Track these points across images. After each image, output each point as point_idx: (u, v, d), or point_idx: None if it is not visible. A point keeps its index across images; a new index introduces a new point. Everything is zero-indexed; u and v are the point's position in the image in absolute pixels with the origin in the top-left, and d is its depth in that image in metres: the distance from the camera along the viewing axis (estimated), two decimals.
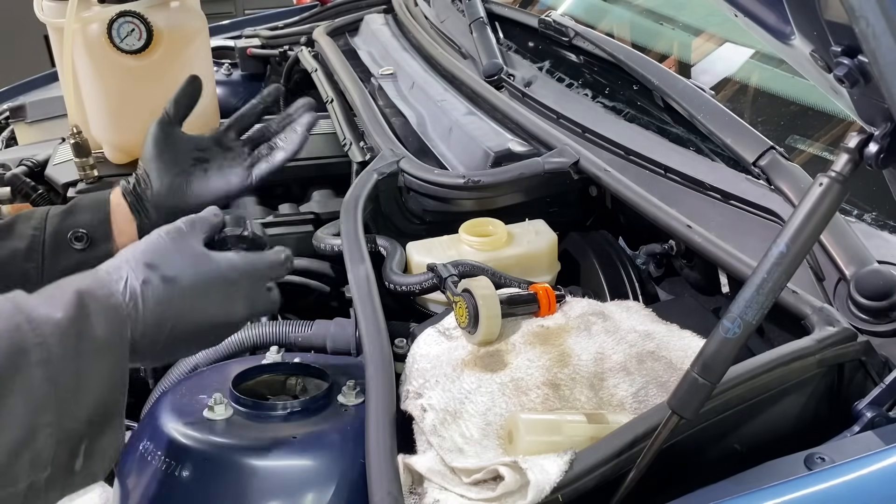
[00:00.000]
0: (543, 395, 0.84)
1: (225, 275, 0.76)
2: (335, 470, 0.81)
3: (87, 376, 0.60)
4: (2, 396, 0.54)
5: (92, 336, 0.61)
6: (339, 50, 1.95)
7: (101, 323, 0.63)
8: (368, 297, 0.98)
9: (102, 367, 0.62)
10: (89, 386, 0.60)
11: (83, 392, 0.60)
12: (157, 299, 0.70)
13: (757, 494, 0.67)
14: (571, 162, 1.22)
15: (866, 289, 0.89)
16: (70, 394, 0.59)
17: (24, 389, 0.55)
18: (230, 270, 0.77)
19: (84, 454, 0.60)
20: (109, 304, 0.66)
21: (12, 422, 0.55)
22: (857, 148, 0.66)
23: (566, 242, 1.21)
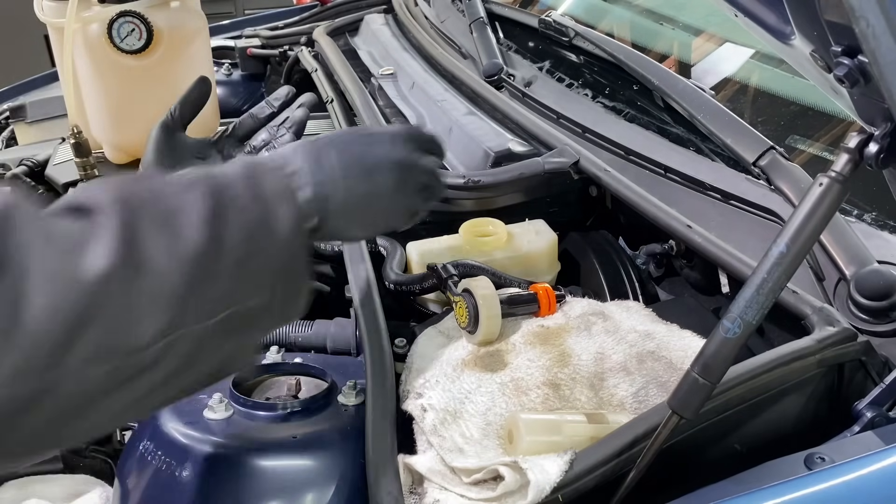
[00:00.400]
0: (543, 395, 0.84)
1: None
2: (335, 470, 0.81)
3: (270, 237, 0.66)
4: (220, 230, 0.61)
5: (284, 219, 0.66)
6: (339, 50, 1.95)
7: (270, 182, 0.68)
8: (368, 297, 0.98)
9: (283, 226, 0.66)
10: (274, 242, 0.66)
11: (271, 244, 0.65)
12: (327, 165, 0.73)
13: (757, 494, 0.67)
14: (571, 162, 1.22)
15: (866, 289, 0.89)
16: (261, 241, 0.65)
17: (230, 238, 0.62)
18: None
19: (281, 294, 0.66)
20: (279, 171, 0.70)
21: (231, 240, 0.62)
22: (857, 148, 0.66)
23: (566, 242, 1.21)
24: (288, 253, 0.67)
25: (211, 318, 0.61)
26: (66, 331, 0.52)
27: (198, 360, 0.62)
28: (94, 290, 0.54)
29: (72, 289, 0.53)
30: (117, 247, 0.56)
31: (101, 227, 0.56)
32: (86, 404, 0.56)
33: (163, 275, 0.58)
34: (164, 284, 0.58)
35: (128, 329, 0.56)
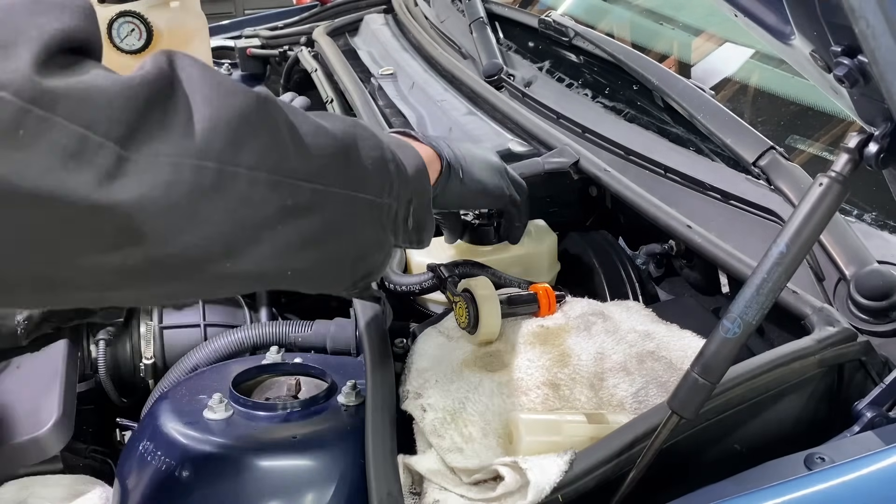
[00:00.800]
0: (543, 395, 0.84)
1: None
2: (335, 470, 0.81)
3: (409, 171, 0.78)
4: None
5: (413, 168, 0.79)
6: (339, 50, 1.95)
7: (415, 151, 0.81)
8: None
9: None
10: (410, 182, 0.77)
11: (408, 176, 0.77)
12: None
13: (757, 494, 0.67)
14: (571, 162, 1.22)
15: (866, 289, 0.89)
16: (402, 173, 0.76)
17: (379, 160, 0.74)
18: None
19: (413, 216, 0.78)
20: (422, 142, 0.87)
21: (367, 150, 0.72)
22: (857, 148, 0.66)
23: (566, 242, 1.21)
24: (421, 182, 0.79)
25: (356, 191, 0.69)
26: (231, 134, 0.58)
27: (345, 229, 0.69)
28: (253, 107, 0.61)
29: (231, 103, 0.59)
30: (284, 101, 0.66)
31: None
32: (255, 225, 0.61)
33: (309, 134, 0.66)
34: (313, 141, 0.66)
35: (285, 153, 0.63)
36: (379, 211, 0.73)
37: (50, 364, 1.07)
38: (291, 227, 0.64)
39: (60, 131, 0.50)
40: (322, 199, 0.66)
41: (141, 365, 1.17)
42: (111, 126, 0.52)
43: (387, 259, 0.77)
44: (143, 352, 1.17)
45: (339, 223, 0.69)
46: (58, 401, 1.00)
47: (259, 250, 0.62)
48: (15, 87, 0.49)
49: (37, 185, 0.50)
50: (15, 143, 0.49)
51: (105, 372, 1.14)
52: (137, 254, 0.55)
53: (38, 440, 0.96)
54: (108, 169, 0.52)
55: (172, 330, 1.19)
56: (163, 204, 0.55)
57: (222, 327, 1.19)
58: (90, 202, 0.51)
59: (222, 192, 0.58)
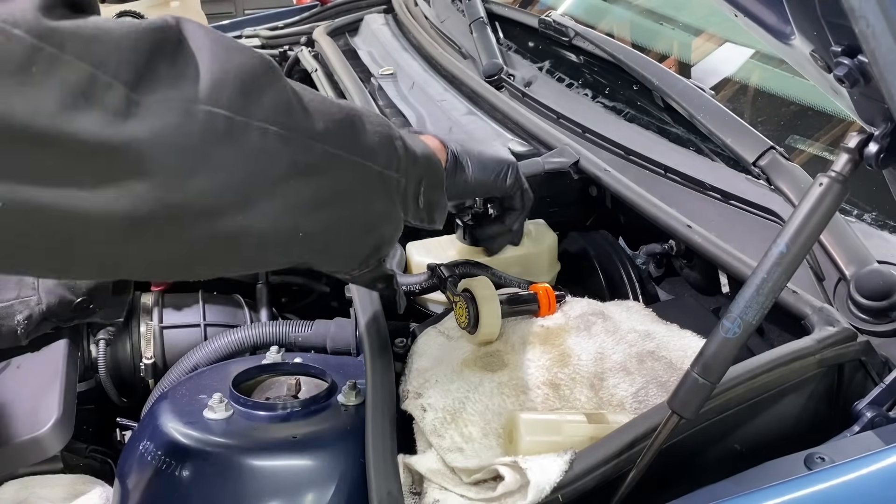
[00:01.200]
0: (543, 395, 0.84)
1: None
2: (335, 470, 0.81)
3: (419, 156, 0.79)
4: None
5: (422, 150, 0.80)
6: (339, 50, 1.95)
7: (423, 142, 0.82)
8: (368, 297, 0.98)
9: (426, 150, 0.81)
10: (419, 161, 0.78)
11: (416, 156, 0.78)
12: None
13: (757, 494, 0.67)
14: (571, 162, 1.22)
15: (866, 289, 0.89)
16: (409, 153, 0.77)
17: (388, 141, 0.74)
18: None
19: (424, 195, 0.79)
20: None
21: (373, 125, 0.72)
22: (857, 148, 0.66)
23: (566, 242, 1.21)
24: (430, 163, 0.80)
25: (364, 159, 0.70)
26: (240, 86, 0.59)
27: (355, 195, 0.70)
28: (259, 66, 0.62)
29: (238, 60, 0.60)
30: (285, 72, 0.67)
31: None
32: (267, 178, 0.61)
33: (315, 100, 0.66)
34: (319, 107, 0.66)
35: (294, 112, 0.63)
36: (388, 183, 0.73)
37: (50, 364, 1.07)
38: (303, 184, 0.64)
39: (70, 69, 0.51)
40: (331, 162, 0.67)
41: (141, 365, 1.17)
42: (119, 67, 0.53)
43: (396, 234, 0.77)
44: (143, 352, 1.17)
45: (349, 188, 0.69)
46: (58, 401, 1.00)
47: (272, 205, 0.62)
48: (26, 25, 0.49)
49: (50, 124, 0.50)
50: (29, 79, 0.49)
51: (105, 372, 1.14)
52: (147, 197, 0.55)
53: (38, 440, 0.96)
54: (117, 108, 0.52)
55: (172, 330, 1.19)
56: (175, 143, 0.55)
57: (222, 327, 1.19)
58: (99, 139, 0.52)
59: (234, 140, 0.58)
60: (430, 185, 0.80)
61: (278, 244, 0.67)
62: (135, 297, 1.22)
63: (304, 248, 0.69)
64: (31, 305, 1.06)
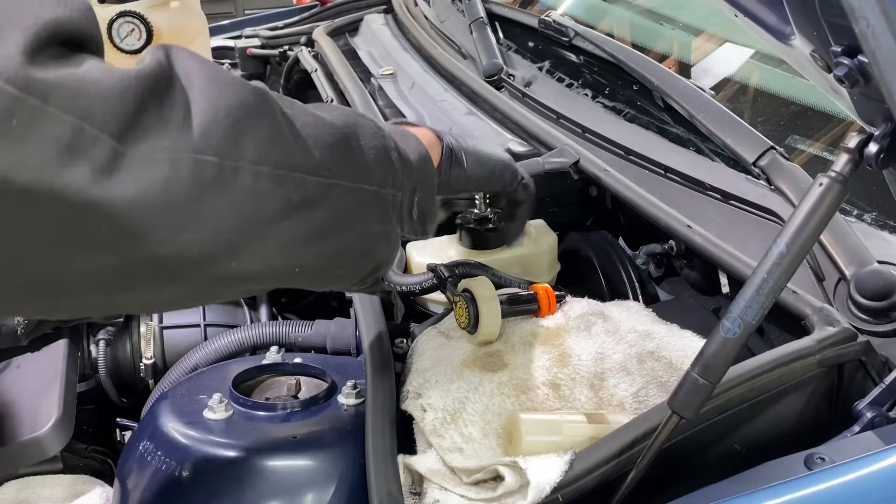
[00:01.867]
0: (543, 395, 0.84)
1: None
2: (335, 470, 0.81)
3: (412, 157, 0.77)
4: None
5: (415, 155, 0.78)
6: (339, 50, 1.95)
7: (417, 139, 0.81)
8: (368, 297, 0.98)
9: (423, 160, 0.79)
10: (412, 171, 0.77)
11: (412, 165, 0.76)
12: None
13: (757, 494, 0.67)
14: (571, 162, 1.22)
15: (866, 289, 0.89)
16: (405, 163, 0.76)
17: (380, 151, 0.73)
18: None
19: (417, 206, 0.77)
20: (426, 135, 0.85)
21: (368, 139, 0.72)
22: (857, 148, 0.66)
23: (566, 242, 1.21)
24: (424, 170, 0.78)
25: (360, 182, 0.69)
26: (230, 127, 0.57)
27: (351, 221, 0.68)
28: (251, 100, 0.60)
29: (228, 96, 0.58)
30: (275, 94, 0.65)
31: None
32: (260, 222, 0.60)
33: (308, 125, 0.65)
34: (313, 132, 0.65)
35: (286, 146, 0.62)
36: (384, 202, 0.72)
37: (50, 364, 1.07)
38: (298, 221, 0.63)
39: (55, 122, 0.49)
40: (327, 192, 0.65)
41: (141, 365, 1.17)
42: (106, 118, 0.51)
43: (394, 251, 0.76)
44: (143, 352, 1.17)
45: (345, 216, 0.68)
46: (58, 401, 1.00)
47: (265, 248, 0.61)
48: (7, 74, 0.47)
49: (32, 179, 0.48)
50: (9, 133, 0.47)
51: (105, 372, 1.15)
52: (136, 254, 0.54)
53: (38, 440, 0.96)
54: (103, 163, 0.50)
55: (172, 330, 1.19)
56: (161, 201, 0.53)
57: (222, 327, 1.19)
58: (86, 198, 0.50)
59: (224, 188, 0.57)
60: (424, 195, 0.78)
61: (273, 281, 0.66)
62: None
63: (300, 279, 0.68)
64: None
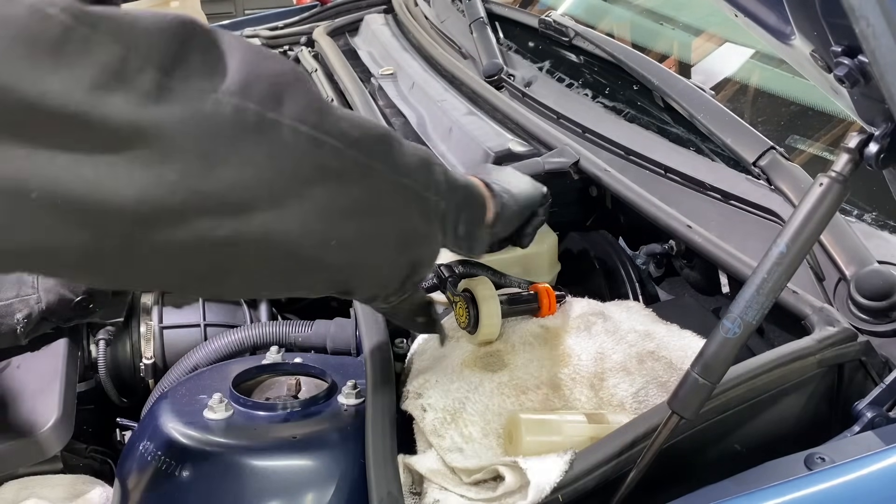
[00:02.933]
0: (543, 395, 0.84)
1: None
2: (335, 470, 0.81)
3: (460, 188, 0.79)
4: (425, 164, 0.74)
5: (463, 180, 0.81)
6: (339, 50, 1.95)
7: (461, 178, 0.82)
8: None
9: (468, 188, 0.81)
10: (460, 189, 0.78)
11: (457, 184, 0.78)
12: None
13: (757, 494, 0.67)
14: (571, 162, 1.22)
15: (866, 289, 0.89)
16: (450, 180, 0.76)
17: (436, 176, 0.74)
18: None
19: (463, 224, 0.78)
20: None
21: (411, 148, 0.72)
22: (857, 148, 0.66)
23: (566, 242, 1.21)
24: (472, 193, 0.81)
25: (400, 175, 0.69)
26: (271, 85, 0.59)
27: (390, 208, 0.69)
28: (291, 72, 0.62)
29: (269, 65, 0.60)
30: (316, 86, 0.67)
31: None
32: (298, 178, 0.61)
33: (347, 116, 0.66)
34: (353, 119, 0.66)
35: (326, 116, 0.63)
36: (426, 204, 0.72)
37: (50, 364, 1.07)
38: (334, 190, 0.63)
39: (103, 50, 0.51)
40: (364, 172, 0.66)
41: (141, 365, 1.17)
42: (152, 51, 0.53)
43: (433, 257, 0.76)
44: (143, 352, 1.17)
45: (384, 201, 0.68)
46: (58, 401, 1.00)
47: (301, 207, 0.61)
48: (62, 4, 0.50)
49: (82, 102, 0.50)
50: (63, 57, 0.49)
51: (105, 372, 1.14)
52: (180, 186, 0.54)
53: (38, 440, 0.96)
54: (148, 91, 0.52)
55: (172, 330, 1.19)
56: (204, 130, 0.55)
57: (222, 327, 1.19)
58: (130, 120, 0.52)
59: (264, 136, 0.58)
60: (471, 216, 0.79)
61: (310, 252, 0.65)
62: (135, 297, 1.22)
63: (337, 260, 0.66)
64: (30, 304, 1.06)
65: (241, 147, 0.57)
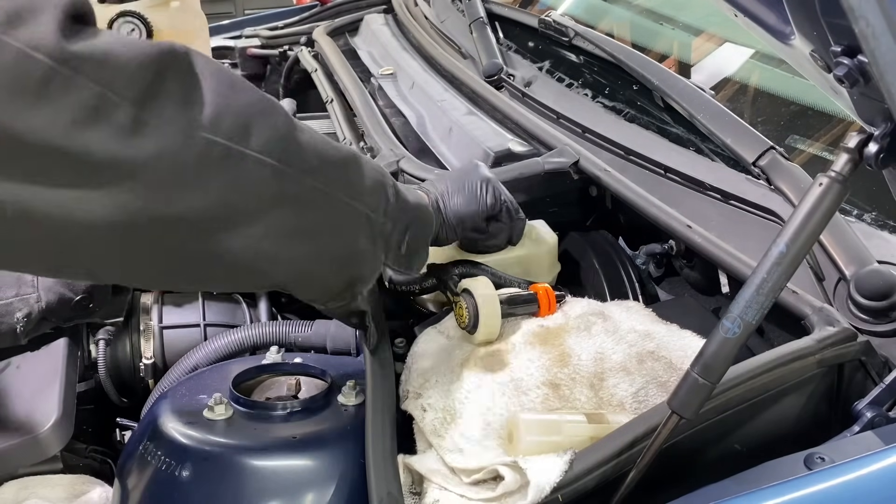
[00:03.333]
0: (543, 395, 0.84)
1: None
2: (335, 470, 0.81)
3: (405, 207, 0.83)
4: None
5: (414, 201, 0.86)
6: (339, 50, 1.95)
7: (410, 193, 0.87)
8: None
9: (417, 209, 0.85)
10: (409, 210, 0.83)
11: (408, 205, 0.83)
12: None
13: (757, 494, 0.67)
14: (571, 162, 1.22)
15: (866, 289, 0.89)
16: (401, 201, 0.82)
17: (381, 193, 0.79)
18: None
19: (407, 243, 0.82)
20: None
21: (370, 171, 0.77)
22: (857, 148, 0.66)
23: (566, 242, 1.21)
24: (421, 212, 0.85)
25: (352, 199, 0.74)
26: (239, 117, 0.64)
27: (338, 230, 0.74)
28: (263, 104, 0.67)
29: (241, 98, 0.65)
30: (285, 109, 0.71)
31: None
32: (255, 204, 0.66)
33: (314, 141, 0.71)
34: (317, 146, 0.71)
35: (290, 148, 0.68)
36: (372, 225, 0.77)
37: (50, 364, 1.07)
38: (288, 214, 0.69)
39: (83, 88, 0.56)
40: (319, 199, 0.71)
41: (141, 365, 1.17)
42: (126, 87, 0.57)
43: (373, 274, 0.81)
44: (143, 352, 1.17)
45: (333, 224, 0.74)
46: (58, 401, 1.00)
47: (255, 230, 0.67)
48: (47, 49, 0.54)
49: (62, 136, 0.55)
50: (45, 98, 0.54)
51: (105, 372, 1.14)
52: (143, 210, 0.60)
53: (38, 440, 0.96)
54: (123, 126, 0.57)
55: (172, 330, 1.19)
56: (172, 163, 0.60)
57: (222, 327, 1.19)
58: (106, 154, 0.57)
59: (228, 168, 0.63)
60: (415, 235, 0.84)
61: (258, 266, 0.71)
62: (134, 297, 1.22)
63: (282, 273, 0.73)
64: (30, 303, 1.06)
65: (204, 177, 0.62)
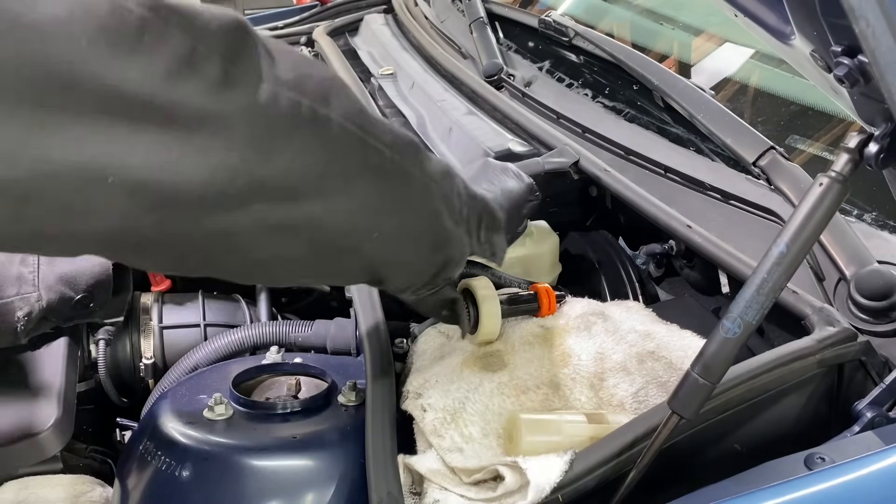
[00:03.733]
0: (543, 395, 0.84)
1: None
2: (335, 470, 0.81)
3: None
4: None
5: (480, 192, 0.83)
6: (339, 50, 1.95)
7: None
8: (368, 297, 0.98)
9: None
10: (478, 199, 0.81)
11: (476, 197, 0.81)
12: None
13: (757, 494, 0.67)
14: (571, 162, 1.22)
15: (866, 289, 0.89)
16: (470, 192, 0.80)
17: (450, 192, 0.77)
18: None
19: (484, 232, 0.81)
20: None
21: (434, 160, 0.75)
22: (857, 148, 0.66)
23: (566, 242, 1.21)
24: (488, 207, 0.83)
25: (430, 179, 0.73)
26: (319, 84, 0.63)
27: (425, 208, 0.73)
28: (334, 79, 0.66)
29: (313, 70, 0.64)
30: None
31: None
32: (346, 171, 0.65)
33: (385, 122, 0.70)
34: (387, 126, 0.69)
35: (368, 120, 0.67)
36: (452, 206, 0.76)
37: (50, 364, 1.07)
38: (377, 186, 0.68)
39: (175, 40, 0.54)
40: (401, 174, 0.70)
41: (141, 365, 1.17)
42: (216, 43, 0.56)
43: (462, 258, 0.80)
44: (143, 351, 1.17)
45: (417, 201, 0.72)
46: (58, 401, 1.00)
47: (348, 198, 0.65)
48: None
49: (157, 88, 0.53)
50: (139, 48, 0.52)
51: (105, 372, 1.14)
52: (241, 170, 0.58)
53: (38, 440, 0.96)
54: (215, 79, 0.55)
55: (172, 330, 1.19)
56: (265, 118, 0.58)
57: (222, 327, 1.19)
58: (199, 107, 0.55)
59: (317, 129, 0.62)
60: (488, 227, 0.83)
61: (351, 242, 0.69)
62: (135, 297, 1.22)
63: (375, 252, 0.71)
64: (31, 302, 1.06)
65: (296, 137, 0.60)
